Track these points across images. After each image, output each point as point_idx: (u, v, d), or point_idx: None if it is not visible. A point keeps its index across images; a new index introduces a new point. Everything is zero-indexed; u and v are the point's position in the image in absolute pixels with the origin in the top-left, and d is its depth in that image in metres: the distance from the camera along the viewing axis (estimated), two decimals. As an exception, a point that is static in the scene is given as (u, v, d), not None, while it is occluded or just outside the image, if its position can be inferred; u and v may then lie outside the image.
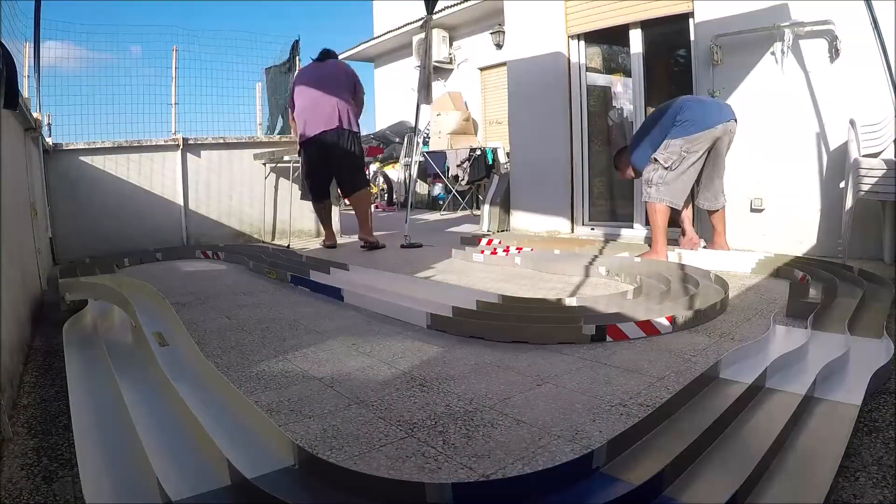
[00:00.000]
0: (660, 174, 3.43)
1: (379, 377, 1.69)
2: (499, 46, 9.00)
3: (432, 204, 8.97)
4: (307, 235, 5.67)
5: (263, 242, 5.36)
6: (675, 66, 4.79)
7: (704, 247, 3.80)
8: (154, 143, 5.06)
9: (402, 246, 4.75)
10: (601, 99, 5.23)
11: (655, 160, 3.45)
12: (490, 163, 8.22)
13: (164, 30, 6.48)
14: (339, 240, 5.53)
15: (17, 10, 3.33)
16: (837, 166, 3.50)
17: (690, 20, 4.22)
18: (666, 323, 2.06)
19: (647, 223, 3.93)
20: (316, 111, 4.47)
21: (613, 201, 5.22)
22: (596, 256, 3.55)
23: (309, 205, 5.09)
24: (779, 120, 3.78)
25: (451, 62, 10.13)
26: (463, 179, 8.41)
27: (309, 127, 4.49)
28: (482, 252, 4.00)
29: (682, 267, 3.03)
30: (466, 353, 1.90)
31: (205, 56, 5.75)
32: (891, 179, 2.95)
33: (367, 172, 10.45)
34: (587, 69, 5.11)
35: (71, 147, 4.70)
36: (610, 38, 4.96)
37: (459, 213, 8.53)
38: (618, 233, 4.85)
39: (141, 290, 2.50)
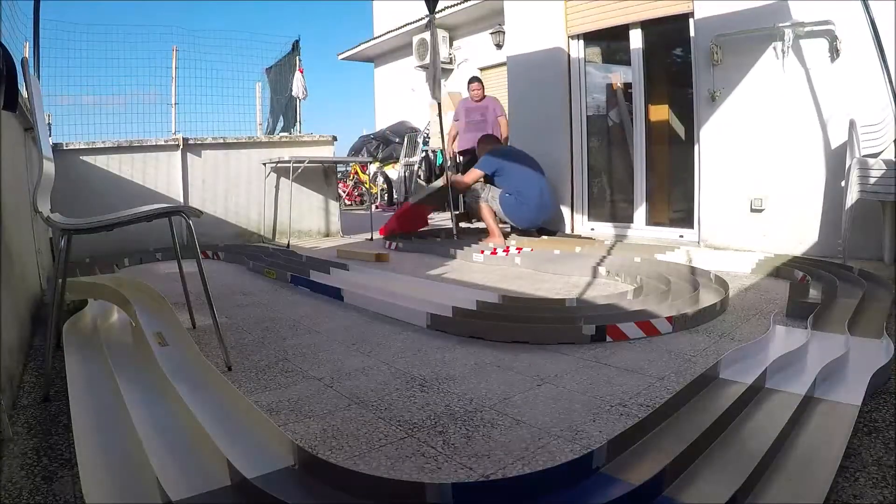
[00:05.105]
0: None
1: (379, 377, 1.70)
2: (499, 46, 9.00)
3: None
4: (307, 236, 5.67)
5: (263, 242, 5.35)
6: (675, 66, 4.79)
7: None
8: (154, 143, 5.05)
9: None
10: (601, 99, 5.22)
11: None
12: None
13: (164, 30, 6.49)
14: (342, 240, 5.53)
15: (16, 10, 3.31)
16: (837, 166, 3.49)
17: (690, 20, 4.22)
18: (666, 323, 2.06)
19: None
20: None
21: (614, 201, 5.22)
22: (604, 257, 3.55)
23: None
24: (779, 120, 3.78)
25: (451, 62, 10.13)
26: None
27: None
28: (482, 252, 4.00)
29: (682, 267, 3.03)
30: (466, 353, 1.90)
31: (205, 56, 5.76)
32: (891, 179, 2.95)
33: (366, 172, 10.46)
34: (587, 69, 5.11)
35: (71, 147, 4.69)
36: (610, 38, 4.96)
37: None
38: (618, 232, 4.85)
39: (141, 290, 2.50)
